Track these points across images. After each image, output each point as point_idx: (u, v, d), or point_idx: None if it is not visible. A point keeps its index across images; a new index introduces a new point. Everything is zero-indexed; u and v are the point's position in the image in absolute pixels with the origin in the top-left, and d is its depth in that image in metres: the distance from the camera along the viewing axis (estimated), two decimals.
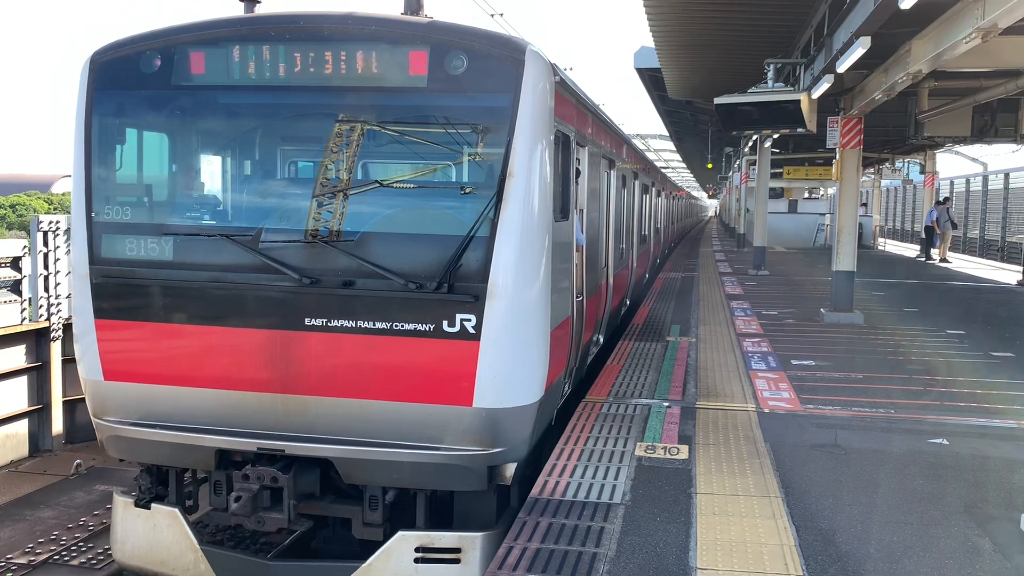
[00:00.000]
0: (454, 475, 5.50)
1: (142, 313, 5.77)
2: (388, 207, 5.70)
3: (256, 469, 5.50)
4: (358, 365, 5.49)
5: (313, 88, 5.65)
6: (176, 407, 5.75)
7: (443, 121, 5.59)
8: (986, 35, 7.32)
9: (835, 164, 13.27)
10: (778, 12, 12.33)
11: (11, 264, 9.68)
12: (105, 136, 5.95)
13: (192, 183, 6.28)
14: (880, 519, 5.10)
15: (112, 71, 5.89)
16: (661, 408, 7.48)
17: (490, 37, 5.68)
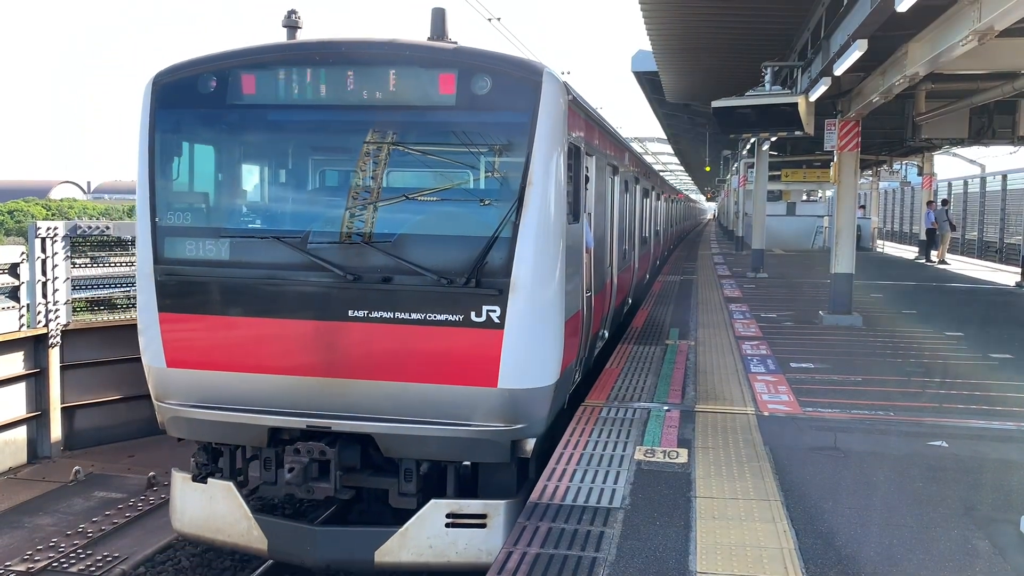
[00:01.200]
0: (481, 449, 6.12)
1: (201, 307, 6.39)
2: (421, 212, 6.35)
3: (306, 444, 6.09)
4: (395, 351, 6.08)
5: (353, 107, 6.30)
6: (232, 391, 6.35)
7: (470, 135, 6.19)
8: (982, 37, 7.33)
9: (833, 166, 13.28)
10: (775, 15, 12.35)
11: (9, 270, 9.67)
12: (166, 150, 6.59)
13: (245, 191, 7.02)
14: (879, 521, 5.09)
15: (172, 91, 6.53)
16: (660, 412, 7.47)
17: (511, 61, 6.41)
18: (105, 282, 10.84)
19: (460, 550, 6.11)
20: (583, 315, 7.49)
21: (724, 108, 11.60)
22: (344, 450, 6.21)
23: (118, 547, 7.45)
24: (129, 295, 11.21)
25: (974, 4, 7.19)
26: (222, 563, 7.41)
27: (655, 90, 23.77)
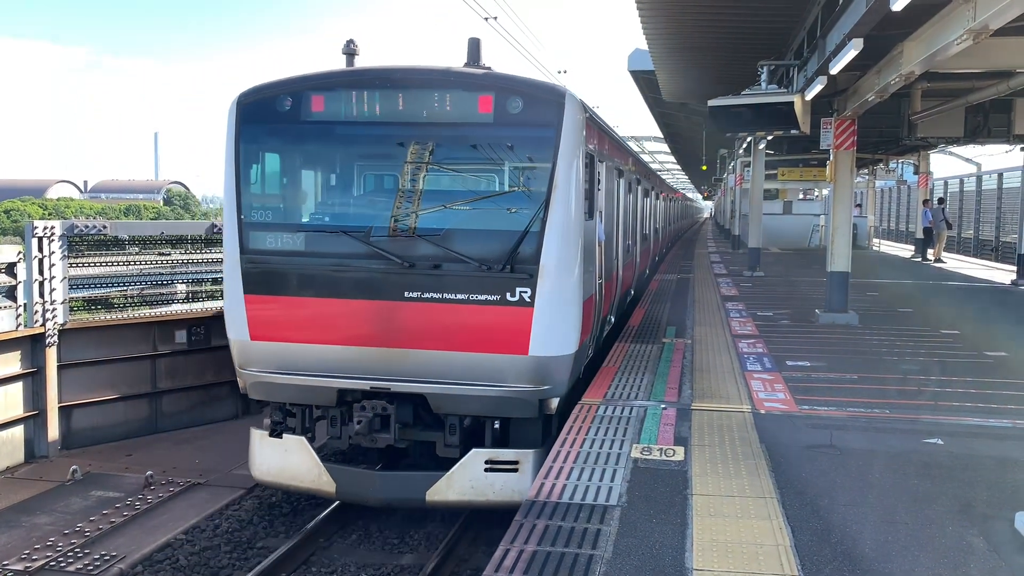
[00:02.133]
0: (514, 406, 7.29)
1: (280, 290, 7.57)
2: (464, 211, 7.48)
3: (370, 402, 7.37)
4: (443, 325, 7.23)
5: (407, 123, 7.49)
6: (306, 359, 7.51)
7: (504, 147, 7.46)
8: (977, 36, 7.35)
9: (829, 165, 13.31)
10: (771, 14, 12.37)
11: (6, 270, 9.65)
12: (249, 158, 7.77)
13: (316, 193, 8.25)
14: (875, 519, 5.12)
15: (254, 109, 7.72)
16: (657, 410, 7.49)
17: (538, 85, 7.66)
18: (102, 281, 10.83)
19: (496, 490, 7.28)
20: (596, 299, 8.78)
21: (720, 107, 11.63)
22: (400, 408, 7.42)
23: (116, 546, 7.45)
24: (126, 294, 11.21)
25: (968, 3, 7.22)
26: (219, 561, 7.41)
27: (652, 89, 23.79)
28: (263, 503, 8.64)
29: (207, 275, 11.93)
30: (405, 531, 8.17)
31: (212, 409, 11.80)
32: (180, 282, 11.77)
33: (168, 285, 11.70)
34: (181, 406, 11.45)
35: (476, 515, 8.07)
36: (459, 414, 7.44)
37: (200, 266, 11.83)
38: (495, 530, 8.06)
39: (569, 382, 7.61)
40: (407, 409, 7.48)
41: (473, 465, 7.30)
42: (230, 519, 8.20)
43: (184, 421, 11.41)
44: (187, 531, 7.83)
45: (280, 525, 8.25)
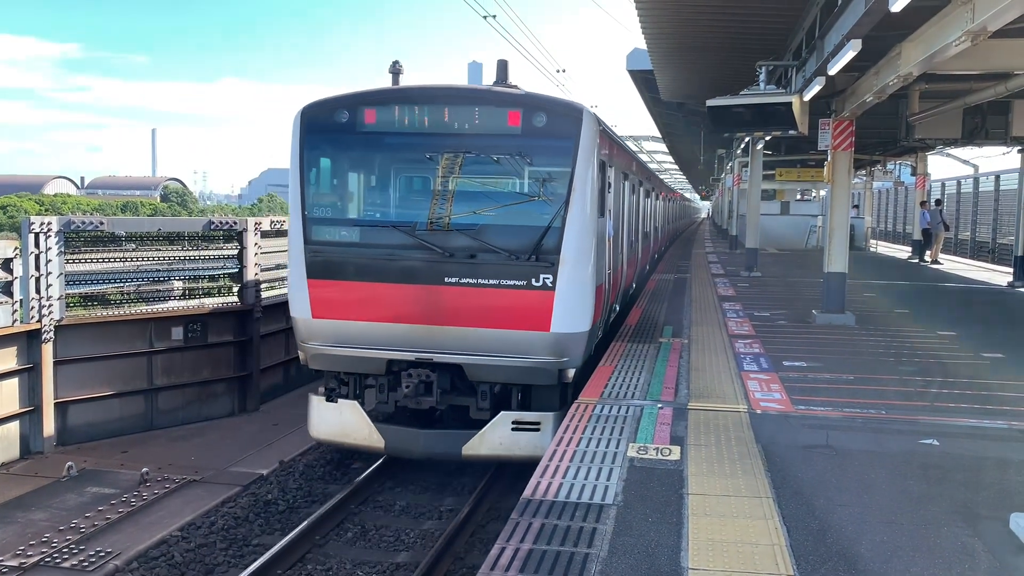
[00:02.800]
0: (537, 375, 8.44)
1: (338, 275, 8.68)
2: (496, 208, 8.67)
3: (416, 371, 8.56)
4: (478, 306, 8.36)
5: (447, 134, 8.58)
6: (360, 334, 8.67)
7: (531, 155, 8.51)
8: (975, 38, 7.36)
9: (827, 166, 13.32)
10: (770, 15, 12.37)
11: (2, 265, 9.63)
12: (311, 162, 8.97)
13: (369, 193, 9.47)
14: (871, 519, 5.12)
15: (315, 120, 8.90)
16: (653, 409, 7.49)
17: (560, 102, 8.92)
18: (99, 277, 10.81)
19: (521, 447, 8.43)
20: (605, 287, 9.99)
21: (719, 107, 11.63)
22: (441, 376, 8.59)
23: (111, 543, 7.44)
24: (123, 291, 11.19)
25: (967, 5, 7.22)
26: (215, 558, 7.41)
27: (650, 88, 23.78)
28: (259, 500, 8.63)
29: (204, 272, 11.91)
30: (401, 529, 8.18)
31: (208, 406, 11.79)
32: (177, 279, 11.75)
33: (165, 282, 11.69)
34: (177, 403, 11.44)
35: (472, 515, 8.08)
36: (490, 382, 8.65)
37: (197, 263, 11.81)
38: (492, 525, 8.08)
39: (584, 356, 8.84)
40: (446, 377, 8.66)
41: (502, 425, 8.52)
42: (226, 516, 8.19)
43: (180, 418, 11.41)
44: (183, 528, 7.82)
45: (276, 523, 8.25)
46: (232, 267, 12.15)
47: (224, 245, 12.07)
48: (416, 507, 8.80)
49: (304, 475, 9.46)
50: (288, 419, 11.64)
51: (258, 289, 12.34)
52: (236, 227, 12.18)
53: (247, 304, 12.14)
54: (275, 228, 13.19)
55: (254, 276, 12.24)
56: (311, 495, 9.02)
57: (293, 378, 13.64)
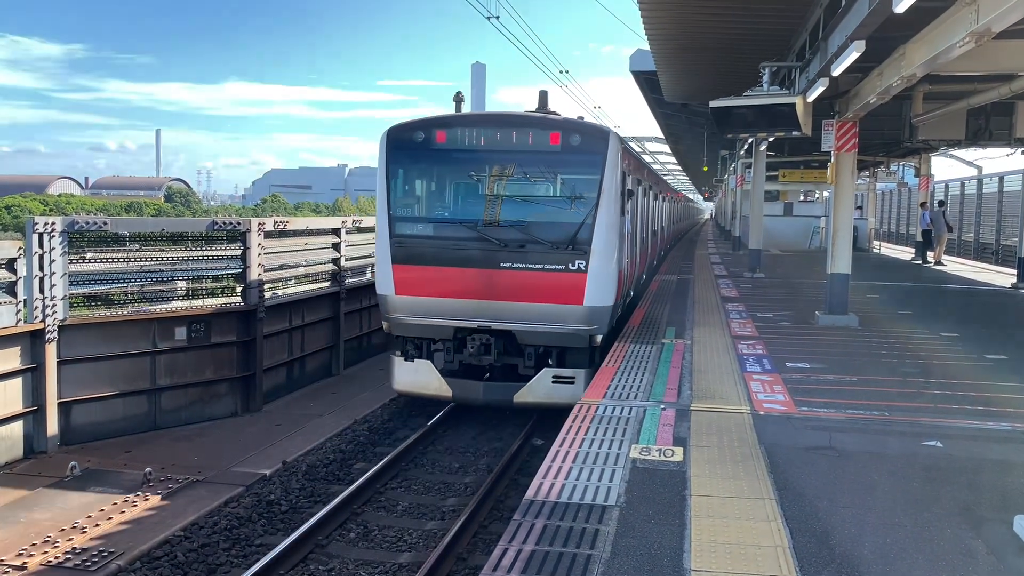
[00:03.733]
0: (572, 339, 10.53)
1: (417, 260, 10.83)
2: (541, 209, 10.88)
3: (478, 335, 10.76)
4: (527, 285, 10.46)
5: (502, 151, 10.81)
6: (433, 307, 10.80)
7: (568, 167, 10.88)
8: (980, 39, 7.34)
9: (830, 167, 13.29)
10: (773, 16, 12.36)
11: (6, 265, 9.64)
12: (395, 172, 11.09)
13: (441, 196, 11.73)
14: (874, 521, 5.12)
15: (398, 139, 11.06)
16: (656, 410, 7.49)
17: (591, 125, 11.46)
18: (103, 277, 10.82)
19: (560, 395, 10.46)
20: (624, 272, 11.98)
21: (722, 108, 11.62)
22: (497, 340, 10.75)
23: (114, 543, 7.45)
24: (126, 291, 11.21)
25: (971, 6, 7.21)
26: (218, 558, 7.42)
27: (653, 90, 23.76)
28: (261, 500, 8.64)
29: (207, 272, 11.92)
30: (403, 529, 8.18)
31: (211, 406, 11.80)
32: (180, 279, 11.77)
33: (168, 282, 11.70)
34: (180, 403, 11.45)
35: (475, 515, 8.09)
36: (535, 345, 10.73)
37: (200, 263, 11.83)
38: (495, 525, 8.08)
39: (608, 325, 10.98)
40: (501, 341, 10.80)
41: (545, 379, 10.61)
42: (229, 516, 8.20)
43: (183, 418, 11.42)
44: (185, 528, 7.83)
45: (279, 523, 8.26)
46: (236, 267, 12.17)
47: (227, 245, 12.09)
48: (419, 507, 8.81)
49: (307, 475, 9.47)
50: (291, 419, 11.65)
51: (261, 289, 12.35)
52: (239, 227, 12.20)
53: (250, 304, 12.16)
54: (278, 228, 13.21)
55: (257, 276, 12.25)
56: (314, 495, 9.03)
57: (296, 379, 13.65)
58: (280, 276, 13.29)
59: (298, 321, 13.70)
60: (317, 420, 11.63)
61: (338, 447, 10.52)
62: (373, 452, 10.58)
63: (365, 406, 12.36)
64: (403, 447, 10.25)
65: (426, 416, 12.15)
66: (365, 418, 11.79)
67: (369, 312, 16.36)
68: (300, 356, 13.80)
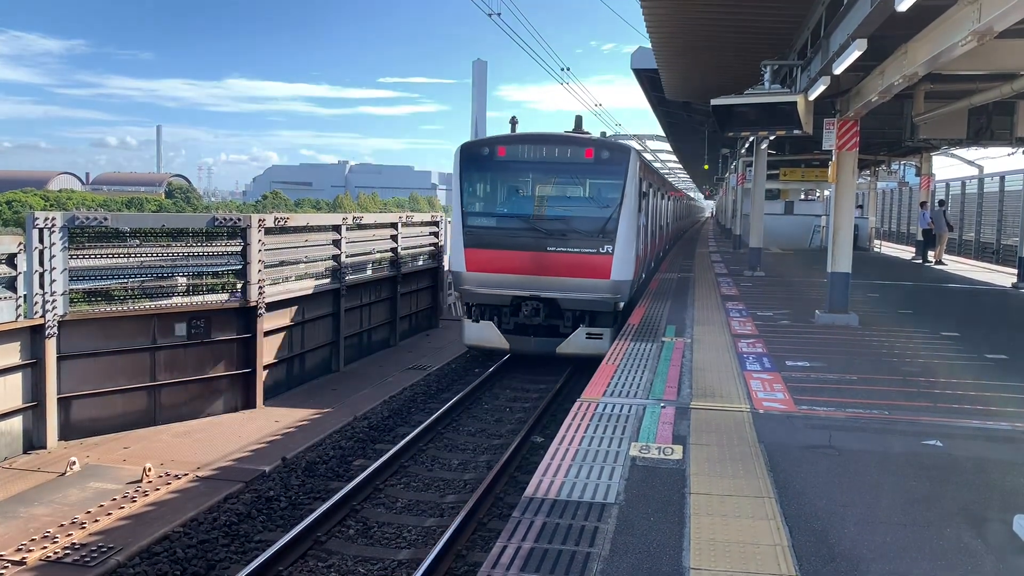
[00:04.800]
0: (601, 305, 13.80)
1: (483, 245, 14.21)
2: (578, 207, 14.33)
3: (530, 302, 13.98)
4: (567, 264, 13.77)
5: (550, 162, 14.34)
6: (495, 281, 14.08)
7: (599, 175, 14.38)
8: (982, 38, 7.33)
9: (831, 166, 13.28)
10: (775, 14, 12.34)
11: (6, 261, 9.63)
12: (466, 178, 14.67)
13: (502, 196, 15.05)
14: (874, 520, 5.11)
15: (469, 153, 14.67)
16: (656, 408, 7.49)
17: (617, 144, 15.06)
18: (103, 273, 10.80)
19: (591, 348, 13.65)
20: (639, 256, 15.43)
21: (723, 106, 11.60)
22: (544, 306, 14.05)
23: (113, 538, 7.45)
24: (126, 287, 11.20)
25: (974, 4, 7.19)
26: (217, 555, 7.41)
27: (654, 87, 23.75)
28: (261, 496, 8.64)
29: (208, 268, 11.91)
30: (403, 526, 8.18)
31: (211, 402, 11.80)
32: (181, 275, 11.76)
33: (169, 278, 11.70)
34: (180, 399, 11.45)
35: (474, 513, 8.09)
36: (573, 309, 14.00)
37: (201, 259, 11.82)
38: (494, 523, 8.08)
39: (628, 295, 14.39)
40: (546, 307, 14.11)
41: (580, 335, 14.04)
42: (228, 512, 8.20)
43: (183, 414, 11.42)
44: (185, 524, 7.83)
45: (279, 519, 8.26)
46: (236, 263, 12.16)
47: (228, 241, 12.08)
48: (418, 504, 8.81)
49: (306, 471, 9.47)
50: (291, 416, 11.65)
51: (261, 285, 12.34)
52: (240, 223, 12.19)
53: (250, 300, 12.15)
54: (279, 225, 13.20)
55: (258, 272, 12.25)
56: (313, 492, 9.03)
57: (296, 375, 13.65)
58: (281, 273, 13.28)
59: (298, 317, 13.70)
60: (317, 417, 11.64)
61: (338, 444, 10.52)
62: (373, 449, 10.58)
63: (365, 403, 12.37)
64: (402, 444, 10.26)
65: (427, 412, 12.15)
66: (365, 415, 11.79)
67: (370, 309, 16.36)
68: (300, 352, 13.81)
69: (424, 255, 19.51)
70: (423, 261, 19.39)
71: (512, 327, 14.35)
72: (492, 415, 12.38)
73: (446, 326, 20.07)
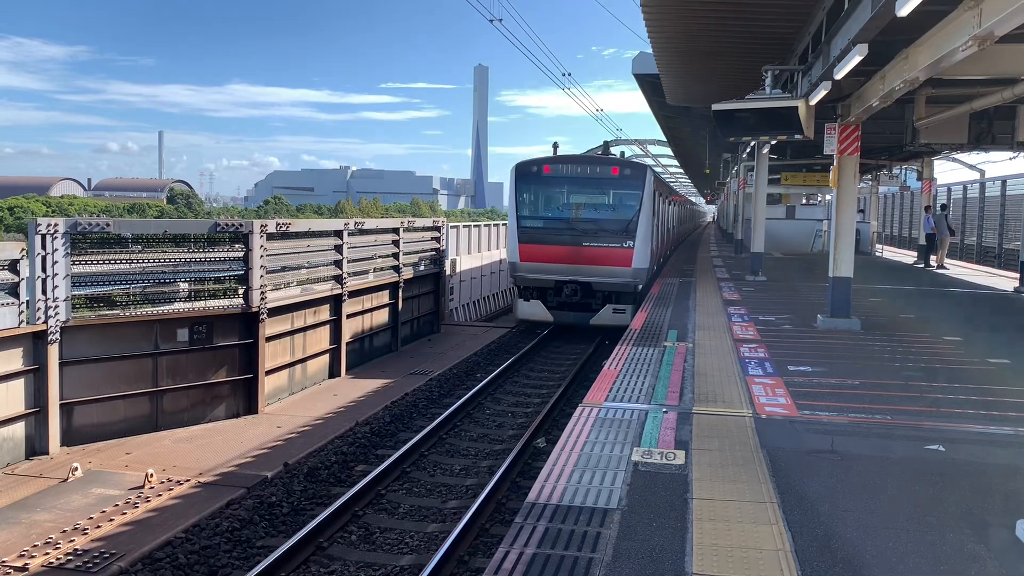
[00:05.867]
0: (624, 287, 18.54)
1: (533, 241, 18.91)
2: (607, 212, 19.26)
3: (570, 284, 18.79)
4: (598, 255, 18.49)
5: (585, 177, 19.34)
6: (542, 268, 18.74)
7: (623, 187, 19.25)
8: (983, 43, 7.35)
9: (832, 171, 13.29)
10: (776, 19, 12.37)
11: (9, 266, 9.65)
12: (520, 190, 19.44)
13: (548, 204, 19.49)
14: (876, 525, 5.11)
15: (521, 170, 19.56)
16: (658, 413, 7.48)
17: (638, 163, 21.56)
18: (105, 279, 10.82)
19: (617, 320, 18.02)
20: (653, 250, 19.61)
21: (724, 111, 11.62)
22: (580, 288, 18.62)
23: (115, 544, 7.45)
24: (129, 292, 11.21)
25: (974, 9, 7.21)
26: (219, 560, 7.41)
27: (656, 92, 23.78)
28: (263, 502, 8.64)
29: (210, 274, 11.92)
30: (405, 532, 8.17)
31: (213, 408, 11.80)
32: (183, 280, 11.76)
33: (171, 283, 11.70)
34: (182, 404, 11.45)
35: (476, 518, 8.10)
36: (602, 290, 18.44)
37: (203, 265, 11.83)
38: (496, 528, 8.07)
39: (645, 280, 18.67)
40: (582, 288, 18.56)
41: (608, 310, 18.47)
42: (230, 518, 8.19)
43: (185, 419, 11.42)
44: (187, 529, 7.83)
45: (281, 525, 8.26)
46: (238, 269, 12.17)
47: (230, 247, 12.09)
48: (420, 510, 8.80)
49: (308, 477, 9.46)
50: (292, 421, 11.65)
51: (263, 291, 12.35)
52: (242, 229, 12.20)
53: (252, 306, 12.16)
54: (281, 230, 13.21)
55: (259, 278, 12.26)
56: (316, 497, 9.03)
57: (297, 381, 13.65)
58: (282, 278, 13.29)
59: (300, 323, 13.70)
60: (319, 422, 11.64)
61: (340, 449, 10.52)
62: (375, 454, 10.58)
63: (367, 408, 12.36)
64: (404, 450, 10.25)
65: (428, 418, 12.15)
66: (367, 420, 11.78)
67: (371, 314, 16.36)
68: (302, 358, 13.81)
69: (426, 260, 19.53)
70: (425, 266, 19.40)
71: (555, 304, 18.97)
72: (494, 420, 12.37)
73: (448, 331, 20.07)
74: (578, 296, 18.57)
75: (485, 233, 28.56)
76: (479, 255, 27.21)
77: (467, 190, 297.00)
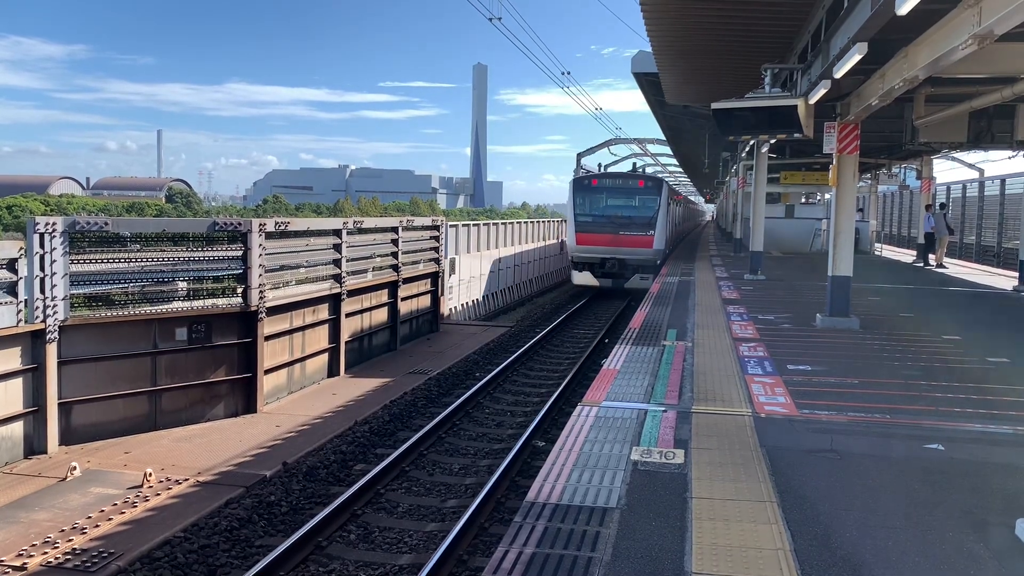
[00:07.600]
0: (648, 262, 28.28)
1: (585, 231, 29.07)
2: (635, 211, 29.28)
3: (610, 260, 28.84)
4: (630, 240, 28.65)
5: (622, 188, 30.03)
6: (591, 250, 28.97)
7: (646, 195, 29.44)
8: (982, 41, 7.33)
9: (832, 169, 13.28)
10: (775, 18, 12.36)
11: (7, 265, 9.63)
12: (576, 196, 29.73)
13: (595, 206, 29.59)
14: (876, 524, 5.10)
15: (578, 184, 30.18)
16: (657, 412, 7.48)
17: (656, 177, 32.86)
18: (104, 278, 10.80)
19: (643, 284, 26.58)
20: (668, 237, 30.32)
21: (724, 110, 11.60)
22: (617, 263, 28.63)
23: (114, 543, 7.44)
24: (127, 291, 11.20)
25: (974, 8, 7.19)
26: (218, 559, 7.41)
27: (655, 91, 23.79)
28: (262, 501, 8.63)
29: (208, 273, 11.91)
30: (404, 531, 8.17)
31: (211, 407, 11.80)
32: (181, 279, 11.76)
33: (169, 282, 11.69)
34: (180, 403, 11.45)
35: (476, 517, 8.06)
36: (633, 265, 28.18)
37: (201, 264, 11.81)
38: (495, 527, 8.07)
39: (662, 257, 28.45)
40: (619, 263, 28.34)
41: (636, 278, 28.04)
42: (229, 517, 8.19)
43: (183, 418, 11.41)
44: (186, 529, 7.82)
45: (280, 524, 8.25)
46: (237, 268, 12.16)
47: (229, 246, 12.08)
48: (419, 509, 8.80)
49: (307, 476, 9.46)
50: (291, 420, 11.64)
51: (262, 290, 12.35)
52: (241, 228, 12.19)
53: (251, 305, 12.15)
54: (279, 229, 13.20)
55: (258, 277, 12.25)
56: (314, 496, 9.02)
57: (296, 380, 13.64)
58: (281, 277, 13.28)
59: (299, 322, 13.69)
60: (318, 421, 11.63)
61: (339, 448, 10.51)
62: (374, 453, 10.57)
63: (366, 407, 12.36)
64: (403, 449, 10.25)
65: (427, 417, 12.14)
66: (366, 419, 11.78)
67: (370, 313, 16.35)
68: (301, 357, 13.80)
69: (425, 259, 19.52)
70: (424, 265, 19.39)
71: (599, 274, 28.44)
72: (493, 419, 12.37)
73: (447, 330, 20.06)
74: (616, 268, 28.07)
75: (484, 233, 28.57)
76: (478, 254, 27.22)
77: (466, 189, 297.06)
